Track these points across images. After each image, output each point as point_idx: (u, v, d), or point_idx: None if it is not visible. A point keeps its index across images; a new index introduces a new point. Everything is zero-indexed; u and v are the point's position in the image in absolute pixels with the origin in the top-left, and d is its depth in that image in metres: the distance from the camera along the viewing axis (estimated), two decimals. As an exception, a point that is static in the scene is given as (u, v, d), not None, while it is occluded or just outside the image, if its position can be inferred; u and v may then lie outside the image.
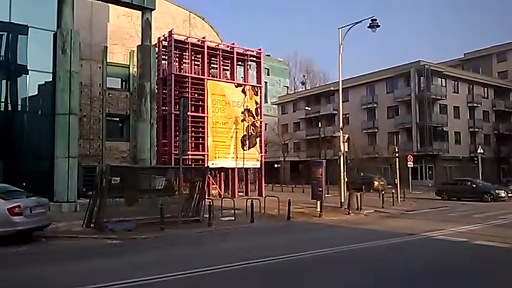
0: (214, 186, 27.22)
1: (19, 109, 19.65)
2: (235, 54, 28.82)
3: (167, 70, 26.84)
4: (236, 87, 28.58)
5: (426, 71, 45.85)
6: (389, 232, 12.92)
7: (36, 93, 19.99)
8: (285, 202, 16.61)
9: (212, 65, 28.77)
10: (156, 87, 23.82)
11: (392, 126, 48.34)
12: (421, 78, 46.40)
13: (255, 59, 30.59)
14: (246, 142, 28.44)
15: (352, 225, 14.98)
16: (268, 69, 65.50)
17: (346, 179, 21.69)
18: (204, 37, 28.37)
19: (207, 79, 27.13)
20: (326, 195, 19.85)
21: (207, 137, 26.54)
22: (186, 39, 27.30)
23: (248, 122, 28.67)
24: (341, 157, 21.24)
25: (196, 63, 28.01)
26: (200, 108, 26.94)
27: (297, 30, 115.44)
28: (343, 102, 23.90)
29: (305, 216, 17.48)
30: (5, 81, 19.19)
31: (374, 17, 20.29)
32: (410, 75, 46.91)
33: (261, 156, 29.53)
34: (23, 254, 9.88)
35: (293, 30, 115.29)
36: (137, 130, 22.80)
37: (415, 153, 40.82)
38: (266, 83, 57.16)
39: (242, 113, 28.41)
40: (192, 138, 25.82)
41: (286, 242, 11.59)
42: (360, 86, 51.17)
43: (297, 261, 8.81)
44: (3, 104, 19.04)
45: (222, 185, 28.47)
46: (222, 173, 28.55)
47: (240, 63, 29.94)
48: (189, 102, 24.72)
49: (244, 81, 29.96)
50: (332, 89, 51.65)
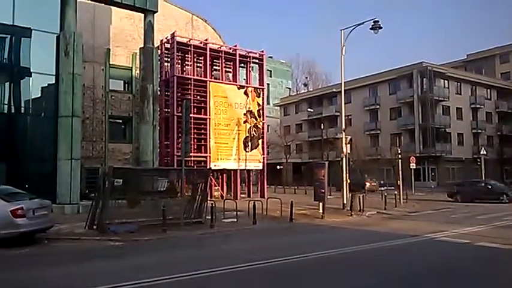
0: (216, 187, 27.23)
1: (22, 111, 19.74)
2: (238, 56, 28.86)
3: (170, 72, 26.89)
4: (238, 89, 28.61)
5: (429, 72, 45.78)
6: (391, 234, 12.89)
7: (39, 95, 20.08)
8: (287, 204, 16.59)
9: (214, 67, 28.84)
10: (158, 89, 23.87)
11: (395, 128, 48.26)
12: (424, 79, 46.34)
13: (257, 60, 30.61)
14: (248, 144, 28.45)
15: (354, 227, 14.95)
16: (270, 71, 65.60)
17: (349, 181, 21.66)
18: (206, 39, 28.45)
19: (210, 81, 27.18)
20: (328, 197, 19.85)
21: (210, 138, 26.57)
22: (189, 41, 27.37)
23: (250, 123, 28.69)
24: (343, 159, 21.21)
25: (198, 65, 28.07)
26: (202, 110, 26.97)
27: (299, 32, 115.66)
28: (345, 103, 23.84)
29: (307, 217, 17.46)
30: (8, 83, 19.33)
31: (376, 19, 20.32)
32: (412, 77, 46.87)
33: (263, 157, 29.53)
34: (26, 256, 9.90)
35: (295, 32, 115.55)
36: (140, 132, 22.85)
37: (418, 155, 40.78)
38: (268, 84, 57.26)
39: (244, 114, 28.44)
40: (195, 140, 25.88)
41: (288, 243, 11.58)
42: (363, 87, 51.12)
43: (300, 263, 8.80)
44: (6, 106, 19.15)
45: (224, 186, 28.47)
46: (224, 175, 28.56)
47: (242, 65, 29.96)
48: (192, 104, 24.76)
49: (247, 83, 30.00)
50: (334, 90, 51.62)
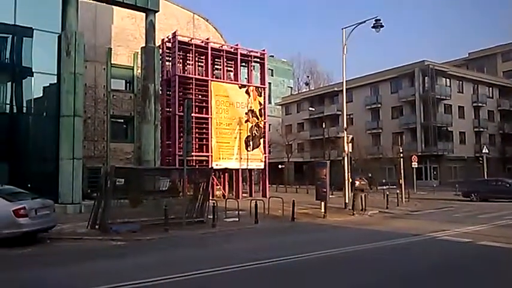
0: (218, 187, 27.23)
1: (24, 111, 19.76)
2: (239, 55, 28.84)
3: (171, 71, 26.88)
4: (240, 88, 28.59)
5: (430, 70, 45.70)
6: (393, 233, 12.88)
7: (41, 95, 20.09)
8: (289, 203, 16.58)
9: (216, 66, 28.82)
10: (160, 88, 23.90)
11: (397, 127, 48.17)
12: (426, 78, 46.25)
13: (258, 60, 30.60)
14: (250, 143, 28.44)
15: (356, 226, 14.94)
16: (272, 70, 65.51)
17: (350, 180, 21.65)
18: (207, 38, 28.43)
19: (211, 80, 27.16)
20: (330, 196, 19.83)
21: (211, 138, 26.57)
22: (190, 40, 27.36)
23: (252, 122, 28.68)
24: (345, 158, 21.20)
25: (200, 64, 28.04)
26: (204, 109, 26.97)
27: (300, 31, 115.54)
28: (347, 102, 23.83)
29: (309, 217, 17.45)
30: (10, 83, 19.35)
31: (378, 17, 20.31)
32: (414, 75, 46.78)
33: (265, 157, 29.51)
34: (28, 255, 9.92)
35: (296, 31, 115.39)
36: (141, 131, 22.88)
37: (420, 154, 40.72)
38: (270, 83, 57.09)
39: (246, 113, 28.43)
40: (196, 140, 25.87)
41: (290, 243, 11.58)
42: (364, 86, 51.04)
43: (302, 262, 8.80)
44: (8, 106, 19.18)
45: (226, 186, 28.49)
46: (226, 174, 28.57)
47: (243, 64, 29.95)
48: (193, 103, 24.72)
49: (248, 82, 29.98)
50: (336, 89, 51.61)
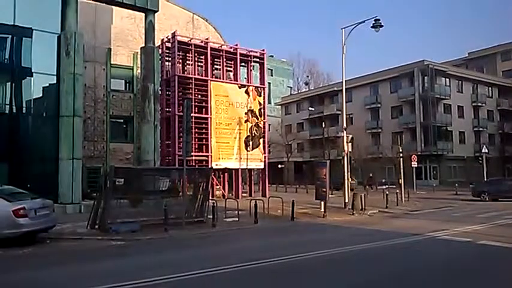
0: (218, 187, 27.24)
1: (24, 111, 19.76)
2: (239, 55, 28.85)
3: (171, 71, 26.89)
4: (239, 88, 28.60)
5: (430, 70, 45.75)
6: (393, 232, 12.89)
7: (41, 95, 20.08)
8: (289, 203, 16.59)
9: (215, 66, 28.83)
10: (159, 88, 23.89)
11: (396, 126, 48.23)
12: (425, 77, 46.31)
13: (258, 59, 30.60)
14: (250, 143, 28.45)
15: (356, 226, 14.94)
16: (271, 70, 65.54)
17: (350, 180, 21.67)
18: (207, 38, 28.43)
19: (211, 80, 27.17)
20: (330, 196, 19.84)
21: (211, 138, 26.57)
22: (190, 40, 27.37)
23: (251, 122, 28.68)
24: (345, 157, 21.21)
25: (199, 64, 28.05)
26: (204, 109, 26.97)
27: (300, 30, 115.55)
28: (346, 102, 23.85)
29: (309, 216, 17.46)
30: (9, 83, 19.36)
31: (377, 17, 20.32)
32: (414, 75, 46.84)
33: (265, 156, 29.52)
34: (28, 255, 9.92)
35: (296, 30, 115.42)
36: (141, 131, 22.89)
37: (419, 153, 40.77)
38: (269, 83, 57.20)
39: (245, 113, 28.44)
40: (196, 140, 25.88)
41: (290, 242, 11.58)
42: (364, 86, 51.11)
43: (302, 262, 8.80)
44: (7, 106, 19.18)
45: (226, 185, 28.50)
46: (225, 174, 28.57)
47: (243, 64, 29.96)
48: (193, 103, 24.72)
49: (248, 82, 29.99)
50: (335, 89, 51.64)
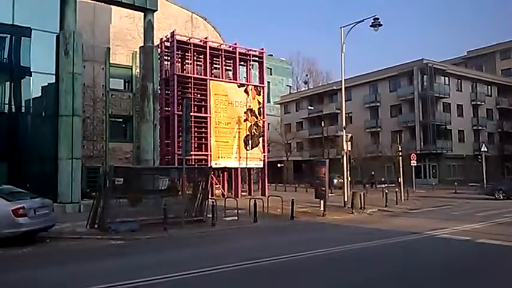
0: (217, 186, 27.25)
1: (23, 111, 19.75)
2: (238, 54, 28.84)
3: (170, 71, 26.87)
4: (239, 87, 28.59)
5: (429, 69, 45.76)
6: (392, 231, 12.90)
7: (40, 95, 20.06)
8: (288, 202, 16.61)
9: (214, 65, 28.80)
10: (158, 88, 23.88)
11: (396, 125, 48.26)
12: (424, 76, 46.32)
13: (257, 58, 30.58)
14: (249, 142, 28.45)
15: (355, 225, 14.96)
16: (270, 69, 65.55)
17: (350, 178, 21.68)
18: (206, 37, 28.41)
19: (210, 79, 27.15)
20: (330, 195, 19.86)
21: (210, 137, 26.57)
22: (189, 39, 27.35)
23: (251, 121, 28.68)
24: (344, 156, 21.23)
25: (198, 63, 28.05)
26: (203, 108, 26.97)
27: (299, 29, 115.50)
28: (346, 101, 23.87)
29: (308, 215, 17.47)
30: (8, 83, 19.33)
31: (376, 16, 20.30)
32: (413, 74, 46.85)
33: (264, 155, 29.53)
34: (28, 255, 9.92)
35: (295, 29, 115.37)
36: (140, 131, 22.88)
37: (419, 152, 40.78)
38: (269, 82, 57.23)
39: (245, 112, 28.43)
40: (195, 139, 25.87)
41: (289, 241, 11.59)
42: (363, 85, 51.15)
43: (301, 261, 8.81)
44: (7, 106, 19.16)
45: (225, 185, 28.50)
46: (225, 173, 28.58)
47: (242, 63, 29.96)
48: (192, 102, 24.77)
49: (247, 81, 29.96)
50: (335, 88, 51.65)
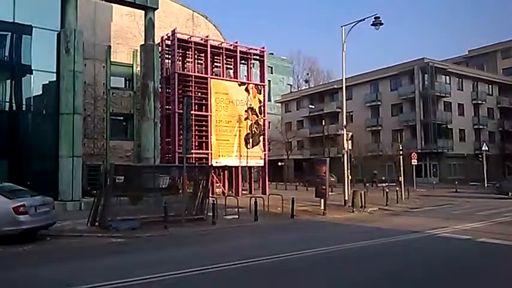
0: (218, 184, 27.26)
1: (23, 109, 19.79)
2: (239, 52, 28.83)
3: (170, 69, 26.87)
4: (239, 85, 28.59)
5: (430, 68, 45.70)
6: (393, 230, 12.89)
7: (41, 93, 20.09)
8: (289, 200, 16.60)
9: (215, 64, 28.81)
10: (159, 86, 23.90)
11: (397, 124, 48.22)
12: (425, 75, 46.25)
13: (258, 57, 30.58)
14: (250, 140, 28.46)
15: (356, 223, 14.96)
16: (271, 68, 65.55)
17: (350, 177, 21.67)
18: (207, 36, 28.41)
19: (211, 78, 27.15)
20: (330, 193, 19.85)
21: (211, 135, 26.58)
22: (189, 38, 27.34)
23: (251, 120, 28.68)
24: (345, 155, 21.21)
25: (199, 62, 28.04)
26: (204, 106, 26.98)
27: (300, 28, 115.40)
28: (346, 100, 23.84)
29: (309, 214, 17.47)
30: (9, 81, 19.37)
31: (377, 15, 20.27)
32: (414, 73, 46.79)
33: (265, 154, 29.54)
34: (28, 252, 9.92)
35: (296, 28, 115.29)
36: (141, 129, 22.89)
37: (419, 151, 40.77)
38: (269, 81, 57.21)
39: (245, 111, 28.43)
40: (196, 137, 25.89)
41: (290, 240, 11.59)
42: (364, 83, 51.10)
43: (301, 259, 8.81)
44: (7, 104, 19.19)
45: (226, 183, 28.53)
46: (225, 172, 28.60)
47: (243, 61, 29.95)
48: (193, 101, 24.75)
49: (248, 80, 29.96)
50: (336, 87, 51.61)
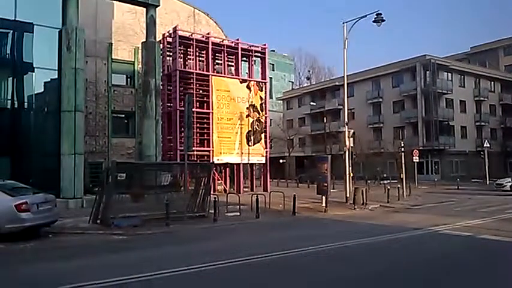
0: (219, 181, 27.28)
1: (25, 106, 19.81)
2: (240, 49, 28.78)
3: (172, 66, 26.87)
4: (241, 83, 28.56)
5: (432, 65, 45.54)
6: (394, 227, 12.91)
7: (42, 90, 20.11)
8: (290, 197, 16.61)
9: (217, 61, 28.78)
10: (161, 83, 23.88)
11: (398, 121, 48.13)
12: (427, 72, 46.09)
13: (259, 54, 30.54)
14: (251, 138, 28.45)
15: (357, 220, 14.97)
16: (273, 65, 65.40)
17: (351, 174, 21.66)
18: (208, 33, 28.37)
19: (212, 75, 27.13)
20: (332, 190, 19.85)
21: (212, 133, 26.58)
22: (191, 35, 27.31)
23: (253, 117, 28.67)
24: (346, 152, 21.20)
25: (200, 59, 28.02)
26: (205, 104, 26.97)
27: (301, 25, 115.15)
28: (348, 97, 23.78)
29: (310, 211, 17.49)
30: (11, 78, 19.38)
31: (379, 11, 20.22)
32: (416, 70, 46.64)
33: (266, 151, 29.54)
34: (31, 250, 9.97)
35: (297, 25, 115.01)
36: (142, 126, 22.89)
37: (421, 148, 40.66)
38: (271, 78, 57.09)
39: (247, 108, 28.41)
40: (197, 134, 25.91)
41: (291, 237, 11.59)
42: (366, 80, 50.97)
43: (302, 256, 8.83)
44: (9, 101, 19.23)
45: (228, 180, 28.53)
46: (227, 169, 28.60)
47: (244, 58, 29.89)
48: (194, 98, 24.76)
49: (249, 77, 29.94)
50: (337, 84, 51.49)
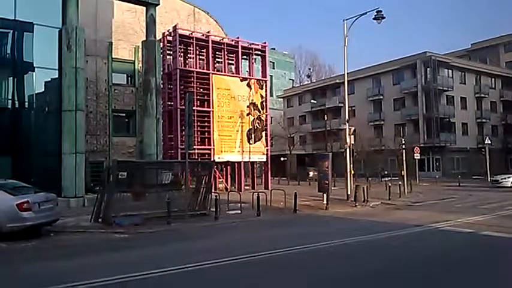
0: (220, 180, 27.30)
1: (26, 106, 19.81)
2: (240, 48, 28.77)
3: (172, 65, 26.86)
4: (241, 81, 28.55)
5: (433, 62, 45.45)
6: (395, 224, 12.91)
7: (43, 90, 20.11)
8: (291, 195, 16.63)
9: (217, 60, 28.77)
10: (161, 82, 23.90)
11: (399, 118, 48.10)
12: (428, 69, 46.02)
13: (260, 52, 30.52)
14: (252, 136, 28.46)
15: (358, 218, 14.99)
16: (273, 63, 65.32)
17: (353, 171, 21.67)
18: (208, 31, 28.35)
19: (212, 73, 27.13)
20: (333, 188, 19.87)
21: (213, 131, 26.59)
22: (191, 34, 27.29)
23: (254, 115, 28.67)
24: (347, 150, 21.21)
25: (201, 57, 28.02)
26: (206, 102, 26.97)
27: (301, 23, 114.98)
28: (349, 94, 23.79)
29: (311, 209, 17.50)
30: (11, 78, 19.38)
31: (379, 9, 20.19)
32: (416, 67, 46.57)
33: (267, 149, 29.54)
34: (32, 249, 9.99)
35: (297, 23, 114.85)
36: (143, 125, 22.91)
37: (422, 145, 40.60)
38: (271, 76, 57.07)
39: (247, 106, 28.41)
40: (198, 133, 25.92)
41: (292, 234, 11.61)
42: (366, 78, 50.94)
43: (303, 254, 8.84)
44: (10, 101, 19.24)
45: (229, 178, 28.56)
46: (228, 167, 28.62)
47: (245, 57, 29.89)
48: (195, 96, 24.76)
49: (250, 75, 29.92)
50: (338, 81, 51.47)
